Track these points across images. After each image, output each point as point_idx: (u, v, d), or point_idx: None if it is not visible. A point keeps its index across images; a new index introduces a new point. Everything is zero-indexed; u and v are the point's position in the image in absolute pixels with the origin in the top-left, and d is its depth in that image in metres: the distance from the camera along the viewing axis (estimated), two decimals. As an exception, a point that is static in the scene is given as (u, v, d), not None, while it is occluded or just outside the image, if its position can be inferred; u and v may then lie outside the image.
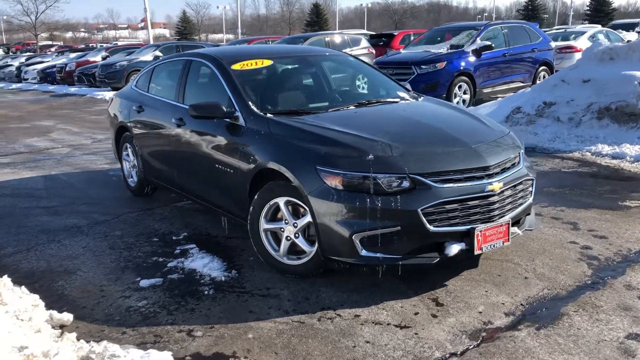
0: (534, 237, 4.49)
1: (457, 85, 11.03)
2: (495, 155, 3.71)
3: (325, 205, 3.49)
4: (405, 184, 3.44)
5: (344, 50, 15.76)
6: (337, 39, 16.23)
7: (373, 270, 3.53)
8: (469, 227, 3.52)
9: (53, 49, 46.55)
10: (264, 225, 3.94)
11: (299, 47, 5.48)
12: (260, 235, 3.97)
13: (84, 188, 6.67)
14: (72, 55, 28.34)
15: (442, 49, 11.53)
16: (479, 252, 3.55)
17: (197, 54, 5.16)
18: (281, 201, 3.83)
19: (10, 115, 14.86)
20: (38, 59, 31.20)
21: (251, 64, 4.73)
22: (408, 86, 5.27)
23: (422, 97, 4.96)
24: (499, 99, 10.64)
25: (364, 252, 3.47)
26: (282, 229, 3.88)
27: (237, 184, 4.20)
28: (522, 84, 12.18)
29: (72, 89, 22.02)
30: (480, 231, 3.53)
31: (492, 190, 3.57)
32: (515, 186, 3.79)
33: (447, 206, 3.45)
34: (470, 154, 3.65)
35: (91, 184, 6.87)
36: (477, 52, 11.26)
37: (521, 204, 3.86)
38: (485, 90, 11.60)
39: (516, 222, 3.92)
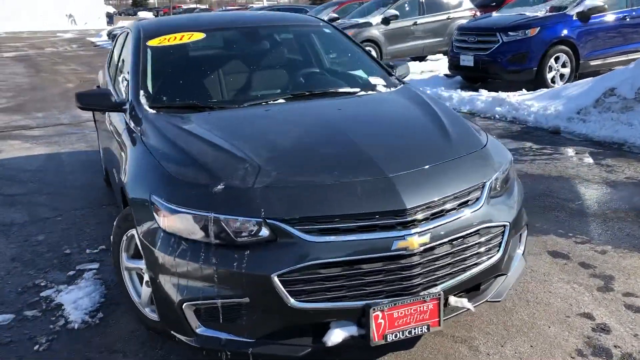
0: (530, 298, 3.06)
1: (554, 57, 9.05)
2: (423, 192, 2.37)
3: (153, 254, 2.42)
4: (264, 232, 2.25)
5: (441, 13, 14.03)
6: (434, 0, 14.38)
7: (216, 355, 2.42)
8: (363, 303, 2.26)
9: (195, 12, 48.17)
10: (125, 262, 2.95)
11: (258, 14, 4.27)
12: (122, 275, 2.98)
13: (68, 172, 6.08)
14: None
15: (540, 11, 9.53)
16: (379, 342, 2.29)
17: (134, 25, 4.18)
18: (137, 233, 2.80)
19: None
20: (161, 22, 32.20)
21: (172, 39, 3.66)
22: (402, 70, 3.90)
23: (398, 87, 3.58)
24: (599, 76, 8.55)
25: (201, 330, 2.37)
26: (143, 271, 2.86)
27: (119, 199, 3.24)
28: (647, 55, 9.81)
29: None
30: (382, 311, 2.26)
31: (405, 248, 2.26)
32: (463, 238, 2.43)
33: (323, 271, 2.22)
34: (380, 188, 2.35)
35: (81, 167, 6.28)
36: (584, 15, 9.13)
37: (476, 265, 2.49)
38: (593, 63, 9.44)
39: (474, 287, 2.58)
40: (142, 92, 3.26)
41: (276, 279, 2.19)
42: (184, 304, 2.33)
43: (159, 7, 76.64)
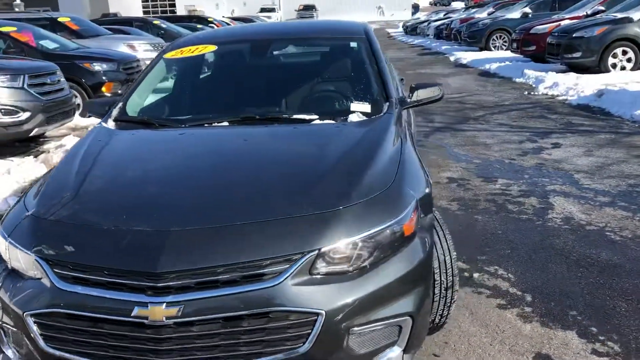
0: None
1: None
2: (197, 255, 2.02)
3: None
4: (39, 267, 2.19)
5: None
6: None
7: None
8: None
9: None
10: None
11: (293, 25, 3.98)
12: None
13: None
14: (472, 10, 27.92)
15: None
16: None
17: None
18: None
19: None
20: (449, 15, 31.96)
21: (187, 51, 3.68)
22: (423, 94, 3.21)
23: (374, 117, 2.97)
24: None
25: (5, 347, 2.42)
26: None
27: None
28: None
29: (444, 47, 21.90)
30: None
31: (145, 317, 1.95)
32: (240, 319, 1.97)
33: (67, 321, 2.07)
34: (146, 243, 2.08)
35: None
36: None
37: (262, 355, 1.99)
38: None
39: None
40: (120, 104, 3.37)
41: (29, 319, 2.12)
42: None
43: (469, -2, 75.43)
